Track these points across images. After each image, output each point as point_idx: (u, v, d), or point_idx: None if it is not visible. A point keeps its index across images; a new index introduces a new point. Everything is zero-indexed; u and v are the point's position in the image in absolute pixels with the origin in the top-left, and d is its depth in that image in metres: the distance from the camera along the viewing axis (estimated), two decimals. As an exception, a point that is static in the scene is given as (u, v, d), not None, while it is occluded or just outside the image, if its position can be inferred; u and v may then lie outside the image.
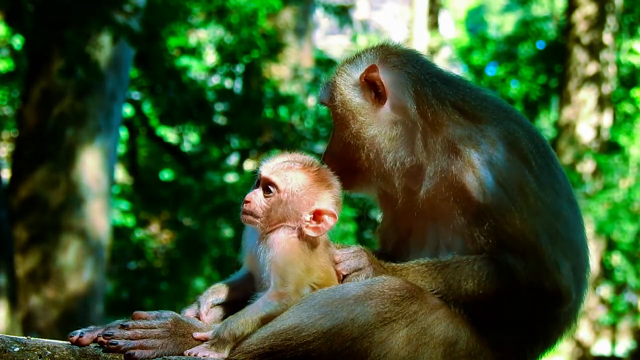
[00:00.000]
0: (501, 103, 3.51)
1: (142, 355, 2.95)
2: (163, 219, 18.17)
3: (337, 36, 30.46)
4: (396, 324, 3.07)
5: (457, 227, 3.24)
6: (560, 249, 3.17)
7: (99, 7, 9.43)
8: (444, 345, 3.12)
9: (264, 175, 3.16)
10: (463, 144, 3.24)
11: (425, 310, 3.12)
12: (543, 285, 3.12)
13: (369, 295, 3.07)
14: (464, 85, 3.43)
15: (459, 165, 3.23)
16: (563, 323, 3.36)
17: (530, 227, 3.15)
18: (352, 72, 3.42)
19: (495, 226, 3.16)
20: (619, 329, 20.29)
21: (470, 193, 3.20)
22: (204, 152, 17.43)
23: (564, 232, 3.22)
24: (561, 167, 3.45)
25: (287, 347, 3.02)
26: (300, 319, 3.03)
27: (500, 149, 3.23)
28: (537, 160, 3.28)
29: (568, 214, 3.30)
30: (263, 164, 3.22)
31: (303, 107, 16.86)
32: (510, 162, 3.22)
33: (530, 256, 3.13)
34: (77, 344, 2.99)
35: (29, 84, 12.08)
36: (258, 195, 3.16)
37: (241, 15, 16.41)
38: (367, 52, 3.47)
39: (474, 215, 3.20)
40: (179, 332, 3.04)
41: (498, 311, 3.17)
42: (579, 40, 17.33)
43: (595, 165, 16.67)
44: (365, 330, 3.04)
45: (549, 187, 3.27)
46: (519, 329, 3.24)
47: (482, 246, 3.19)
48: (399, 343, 3.07)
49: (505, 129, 3.30)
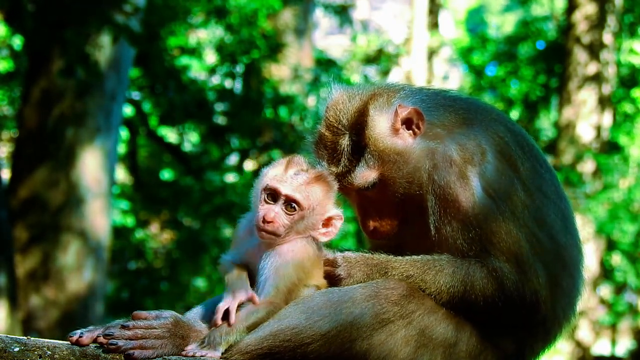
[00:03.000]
0: (486, 105, 3.58)
1: (142, 355, 2.95)
2: (163, 219, 18.17)
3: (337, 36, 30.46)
4: (394, 325, 3.08)
5: (444, 233, 3.27)
6: (540, 259, 3.21)
7: (99, 7, 9.42)
8: (444, 346, 3.13)
9: (286, 193, 3.13)
10: (458, 155, 3.28)
11: (424, 310, 3.13)
12: (524, 292, 3.17)
13: (367, 297, 3.08)
14: (449, 95, 3.52)
15: (454, 177, 3.26)
16: (563, 322, 3.38)
17: (515, 237, 3.19)
18: (384, 123, 3.37)
19: (480, 234, 3.21)
20: (619, 329, 20.29)
21: (461, 204, 3.24)
22: (204, 152, 17.43)
23: (547, 240, 3.26)
24: (545, 161, 3.48)
25: (286, 348, 3.02)
26: (299, 321, 3.04)
27: (490, 159, 3.27)
28: (524, 163, 3.33)
29: (554, 219, 3.33)
30: (277, 178, 3.16)
31: (303, 107, 16.86)
32: (500, 172, 3.26)
33: (512, 264, 3.18)
34: (77, 344, 2.99)
35: (29, 84, 12.07)
36: (280, 215, 3.13)
37: (241, 15, 16.41)
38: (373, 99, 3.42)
39: (460, 224, 3.23)
40: (179, 333, 3.04)
41: (482, 313, 3.19)
42: (579, 40, 17.32)
43: (595, 165, 16.66)
44: (364, 332, 3.04)
45: (536, 191, 3.31)
46: (518, 329, 3.25)
47: (466, 252, 3.23)
48: (398, 344, 3.07)
49: (495, 133, 3.34)
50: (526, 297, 3.17)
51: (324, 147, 3.38)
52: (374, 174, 3.33)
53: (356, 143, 3.34)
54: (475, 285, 3.16)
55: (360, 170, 3.32)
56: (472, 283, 3.17)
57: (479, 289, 3.16)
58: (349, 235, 15.82)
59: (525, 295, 3.16)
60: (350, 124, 3.36)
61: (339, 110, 3.41)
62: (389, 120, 3.34)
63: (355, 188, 3.35)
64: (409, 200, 3.33)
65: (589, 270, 14.09)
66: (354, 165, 3.33)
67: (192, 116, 16.27)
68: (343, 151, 3.34)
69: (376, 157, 3.32)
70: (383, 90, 3.44)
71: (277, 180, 3.15)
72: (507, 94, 21.45)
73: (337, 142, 3.36)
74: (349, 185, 3.33)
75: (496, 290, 3.16)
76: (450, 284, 3.17)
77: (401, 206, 3.36)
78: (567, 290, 3.35)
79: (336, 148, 3.36)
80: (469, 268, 3.19)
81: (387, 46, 26.35)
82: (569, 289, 3.36)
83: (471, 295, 3.16)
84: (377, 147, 3.32)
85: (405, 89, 3.47)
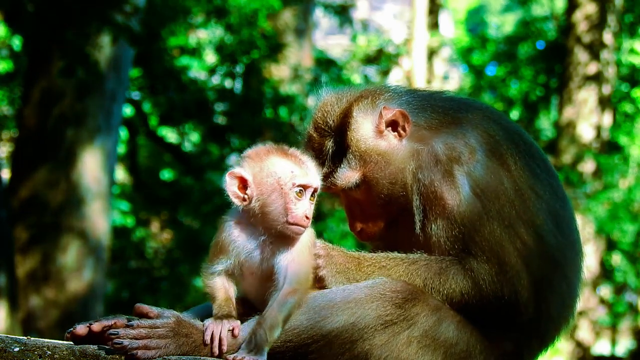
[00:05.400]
0: (480, 104, 3.58)
1: (145, 355, 2.95)
2: (163, 219, 18.17)
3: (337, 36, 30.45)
4: (397, 326, 3.08)
5: (429, 232, 3.28)
6: (525, 260, 3.20)
7: (99, 7, 9.42)
8: (445, 346, 3.13)
9: (316, 186, 3.17)
10: (444, 154, 3.28)
11: (427, 312, 3.13)
12: (503, 294, 3.16)
13: (369, 298, 3.08)
14: (440, 96, 3.53)
15: (439, 175, 3.27)
16: (558, 322, 3.38)
17: (498, 238, 3.19)
18: (367, 125, 3.40)
19: (464, 233, 3.21)
20: (619, 329, 20.28)
21: (446, 202, 3.24)
22: (204, 152, 17.43)
23: (534, 241, 3.24)
24: (544, 161, 3.47)
25: (287, 348, 3.02)
26: (300, 321, 3.04)
27: (479, 158, 3.27)
28: (517, 162, 3.31)
29: (544, 220, 3.30)
30: (302, 173, 3.15)
31: (303, 107, 16.85)
32: (489, 170, 3.26)
33: (492, 264, 3.17)
34: (73, 337, 3.02)
35: (29, 84, 12.07)
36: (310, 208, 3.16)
37: (241, 15, 16.39)
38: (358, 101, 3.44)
39: (445, 222, 3.24)
40: (182, 332, 3.04)
41: (466, 311, 3.19)
42: (579, 40, 17.32)
43: (595, 165, 16.66)
44: (366, 333, 3.04)
45: (528, 191, 3.29)
46: (512, 329, 3.25)
47: (448, 250, 3.23)
48: (400, 345, 3.07)
49: (485, 131, 3.34)
50: (504, 298, 3.16)
51: (312, 148, 3.44)
52: (357, 174, 3.36)
53: (340, 144, 3.39)
54: (451, 283, 3.17)
55: (343, 171, 3.37)
56: (446, 280, 3.17)
57: (454, 287, 3.17)
58: (350, 235, 15.82)
59: (503, 296, 3.16)
60: (335, 125, 3.42)
61: (326, 112, 3.46)
62: (373, 122, 3.37)
63: (339, 189, 3.40)
64: (394, 201, 3.35)
65: (589, 270, 14.11)
66: (337, 167, 3.37)
67: (192, 116, 16.28)
68: (328, 152, 3.40)
69: (358, 158, 3.36)
70: (369, 92, 3.47)
71: (304, 176, 3.14)
72: (507, 94, 21.45)
73: (322, 144, 3.42)
74: (333, 186, 3.38)
75: (471, 289, 3.17)
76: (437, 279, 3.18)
77: (387, 208, 3.38)
78: (561, 290, 3.33)
79: (322, 149, 3.41)
80: (445, 266, 3.20)
81: (387, 46, 26.33)
82: (563, 289, 3.34)
83: (448, 292, 3.17)
84: (359, 149, 3.36)
85: (393, 90, 3.49)
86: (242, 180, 3.15)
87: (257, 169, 3.15)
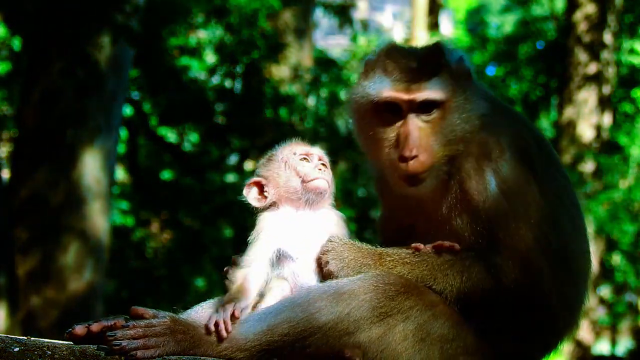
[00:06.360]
0: (510, 107, 3.68)
1: (145, 355, 2.95)
2: (163, 219, 18.16)
3: (337, 36, 30.45)
4: (392, 319, 3.08)
5: (454, 224, 3.28)
6: (548, 261, 3.21)
7: (99, 7, 9.42)
8: (441, 342, 3.13)
9: (320, 154, 3.51)
10: (474, 149, 3.30)
11: (422, 306, 3.13)
12: (525, 291, 3.16)
13: (363, 290, 3.09)
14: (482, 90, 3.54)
15: (467, 169, 3.28)
16: (563, 326, 3.38)
17: (523, 236, 3.20)
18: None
19: (489, 229, 3.22)
20: (619, 329, 20.29)
21: (473, 197, 3.25)
22: (204, 152, 17.42)
23: (557, 243, 3.26)
24: (563, 169, 3.53)
25: (284, 342, 3.03)
26: (295, 314, 3.05)
27: (508, 157, 3.28)
28: (543, 167, 3.36)
29: (567, 224, 3.34)
30: (309, 146, 3.50)
31: (303, 107, 16.85)
32: (517, 171, 3.27)
33: (516, 262, 3.17)
34: (72, 337, 3.04)
35: (29, 84, 12.06)
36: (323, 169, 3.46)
37: (241, 15, 16.39)
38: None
39: (470, 217, 3.25)
40: (179, 329, 3.05)
41: (484, 309, 3.19)
42: (579, 40, 17.31)
43: (595, 165, 16.65)
44: (362, 325, 3.05)
45: (551, 195, 3.32)
46: (516, 328, 3.24)
47: (472, 245, 3.24)
48: (396, 339, 3.08)
49: (517, 133, 3.37)
50: (527, 296, 3.16)
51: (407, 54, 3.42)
52: (444, 95, 3.31)
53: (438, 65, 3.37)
54: (473, 279, 3.17)
55: (435, 84, 3.31)
56: (468, 276, 3.17)
57: (476, 283, 3.17)
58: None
59: (525, 294, 3.16)
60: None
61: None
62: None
63: (420, 98, 3.30)
64: (453, 149, 3.31)
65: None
66: (429, 77, 3.32)
67: (192, 116, 16.27)
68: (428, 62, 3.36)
69: (451, 86, 3.34)
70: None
71: (303, 146, 3.50)
72: (507, 94, 21.43)
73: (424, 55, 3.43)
74: (416, 90, 3.30)
75: (493, 286, 3.16)
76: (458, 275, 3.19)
77: (446, 148, 3.31)
78: (570, 298, 3.35)
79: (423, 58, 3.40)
80: (468, 263, 3.20)
81: (387, 46, 26.29)
82: (572, 297, 3.36)
83: (470, 289, 3.17)
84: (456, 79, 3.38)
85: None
86: (259, 185, 3.41)
87: (266, 168, 3.45)
